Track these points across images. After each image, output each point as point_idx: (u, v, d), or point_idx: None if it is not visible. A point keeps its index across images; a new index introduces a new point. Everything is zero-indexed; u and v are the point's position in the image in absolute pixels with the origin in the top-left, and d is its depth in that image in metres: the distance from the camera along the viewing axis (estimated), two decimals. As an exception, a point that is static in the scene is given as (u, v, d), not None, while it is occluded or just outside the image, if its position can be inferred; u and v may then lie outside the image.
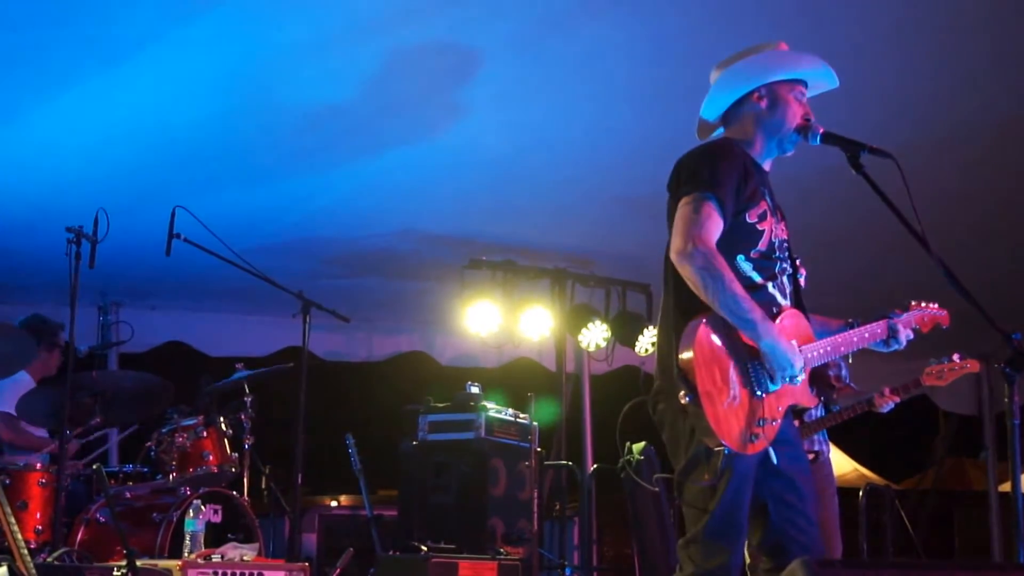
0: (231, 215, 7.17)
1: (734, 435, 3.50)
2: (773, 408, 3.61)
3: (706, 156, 3.77)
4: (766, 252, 3.76)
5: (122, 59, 5.91)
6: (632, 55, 6.01)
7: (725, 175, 3.68)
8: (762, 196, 3.78)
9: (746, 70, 3.86)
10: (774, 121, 3.83)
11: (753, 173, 3.78)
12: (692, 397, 3.49)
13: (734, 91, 3.87)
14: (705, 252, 3.55)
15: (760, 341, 3.58)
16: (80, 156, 6.91)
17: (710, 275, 3.54)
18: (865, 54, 5.86)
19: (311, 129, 6.75)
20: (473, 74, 6.19)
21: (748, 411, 3.55)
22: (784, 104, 3.84)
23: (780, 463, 3.64)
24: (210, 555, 5.56)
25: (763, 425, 3.57)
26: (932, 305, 4.25)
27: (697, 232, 3.57)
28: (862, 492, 7.75)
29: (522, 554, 7.23)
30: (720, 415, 3.49)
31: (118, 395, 6.74)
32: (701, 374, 3.50)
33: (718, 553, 3.59)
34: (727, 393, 3.52)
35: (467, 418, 7.64)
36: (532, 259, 8.77)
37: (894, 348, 4.11)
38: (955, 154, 6.91)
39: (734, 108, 3.89)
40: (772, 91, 3.84)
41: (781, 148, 3.88)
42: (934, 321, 4.25)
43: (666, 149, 3.88)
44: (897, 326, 4.08)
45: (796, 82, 3.88)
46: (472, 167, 7.24)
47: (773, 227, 3.80)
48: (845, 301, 5.28)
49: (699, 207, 3.61)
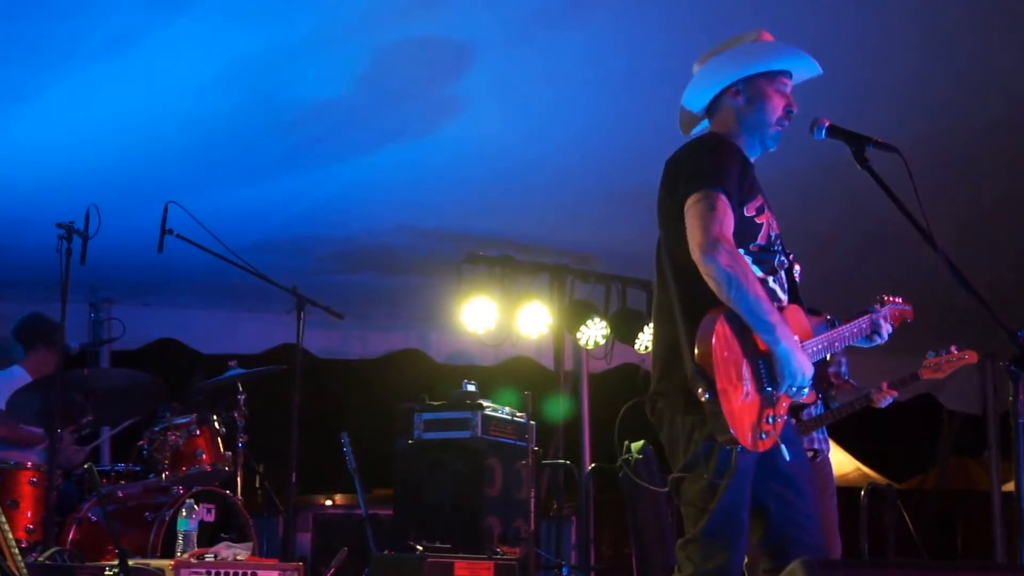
0: (224, 211, 7.17)
1: (747, 432, 3.51)
2: (781, 405, 3.63)
3: (705, 151, 3.77)
4: (765, 246, 3.76)
5: (114, 53, 5.91)
6: (633, 46, 6.01)
7: (728, 168, 3.68)
8: (759, 189, 3.78)
9: (723, 64, 3.86)
10: (753, 115, 3.83)
11: (749, 165, 3.79)
12: (711, 394, 3.48)
13: (712, 86, 3.88)
14: (729, 250, 3.54)
15: (777, 346, 3.57)
16: (71, 151, 6.90)
17: (735, 274, 3.53)
18: (871, 49, 5.87)
19: (305, 123, 6.75)
20: (469, 68, 6.19)
21: (759, 408, 3.56)
22: (763, 98, 3.83)
23: (780, 461, 3.65)
24: (203, 555, 5.57)
25: (773, 422, 3.58)
26: (898, 299, 4.27)
27: (719, 229, 3.56)
28: (864, 491, 7.73)
29: (519, 554, 7.24)
30: (735, 412, 3.49)
31: (110, 393, 6.73)
32: (720, 370, 3.49)
33: (717, 553, 3.59)
34: (741, 389, 3.53)
35: (463, 416, 7.65)
36: (530, 254, 8.77)
37: (876, 343, 4.13)
38: (960, 150, 6.92)
39: (715, 102, 3.90)
40: (750, 85, 3.84)
41: (763, 144, 3.88)
42: (902, 316, 4.27)
43: (668, 143, 3.88)
44: (879, 321, 4.10)
45: (778, 73, 3.86)
46: (469, 161, 7.24)
47: (770, 220, 3.80)
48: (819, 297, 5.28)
49: (713, 203, 3.60)
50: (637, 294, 9.07)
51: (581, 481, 8.85)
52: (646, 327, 8.90)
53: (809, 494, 3.75)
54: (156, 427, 6.67)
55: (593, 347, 8.97)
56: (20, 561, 4.80)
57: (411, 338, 10.65)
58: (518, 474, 7.73)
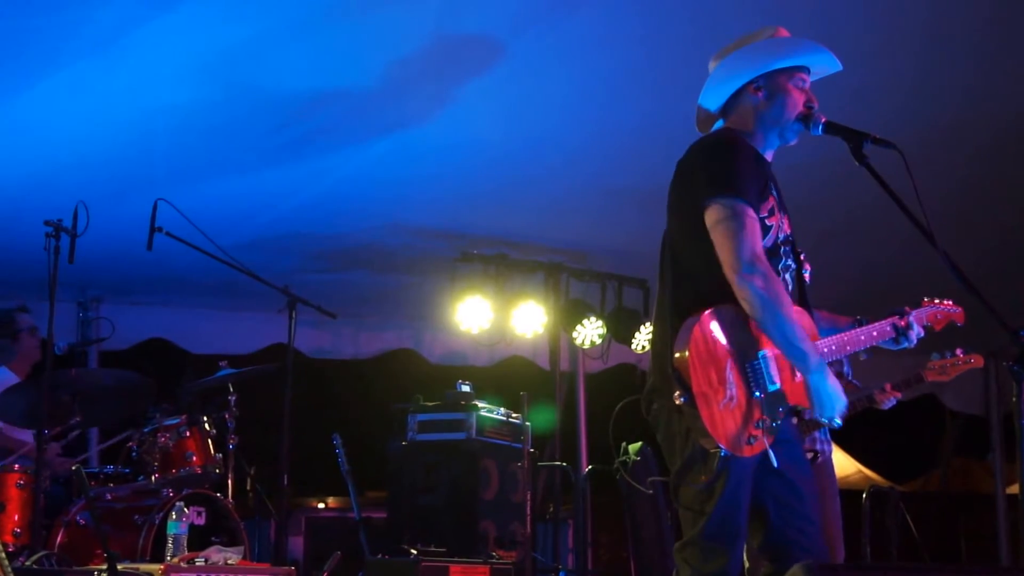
0: (215, 208, 7.18)
1: (730, 436, 3.51)
2: (772, 408, 3.61)
3: (721, 153, 3.75)
4: (771, 249, 3.75)
5: (102, 46, 5.90)
6: (630, 43, 6.02)
7: (747, 173, 3.68)
8: (770, 191, 3.78)
9: (742, 60, 3.85)
10: (773, 112, 3.83)
11: (762, 165, 3.79)
12: (687, 398, 3.50)
13: (731, 82, 3.87)
14: (764, 271, 3.56)
15: (809, 375, 3.59)
16: (59, 147, 6.89)
17: (769, 297, 3.54)
18: (874, 47, 5.88)
19: (296, 119, 6.75)
20: (463, 62, 6.19)
21: (745, 412, 3.55)
22: (783, 94, 3.83)
23: (780, 464, 3.64)
24: (193, 559, 5.56)
25: (761, 426, 3.57)
26: (946, 302, 4.24)
27: (752, 249, 3.56)
28: (866, 494, 7.74)
29: (515, 558, 7.25)
30: (716, 416, 3.50)
31: (98, 394, 6.73)
32: (696, 374, 3.50)
33: (716, 556, 3.60)
34: (723, 393, 3.52)
35: (458, 418, 7.66)
36: (525, 252, 8.78)
37: (903, 347, 4.10)
38: (963, 147, 6.94)
39: (733, 99, 3.89)
40: (770, 81, 3.84)
41: (783, 139, 3.88)
42: (948, 319, 4.24)
43: (665, 140, 3.90)
44: (911, 323, 4.08)
45: (797, 69, 3.87)
46: (462, 157, 7.24)
47: (779, 222, 3.79)
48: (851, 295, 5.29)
49: (741, 218, 3.59)
50: (633, 292, 9.08)
51: (578, 483, 8.85)
52: (643, 326, 8.91)
53: (809, 496, 3.75)
54: (145, 428, 6.66)
55: (589, 347, 8.98)
56: (7, 565, 4.80)
57: (404, 338, 10.65)
58: (514, 476, 7.74)
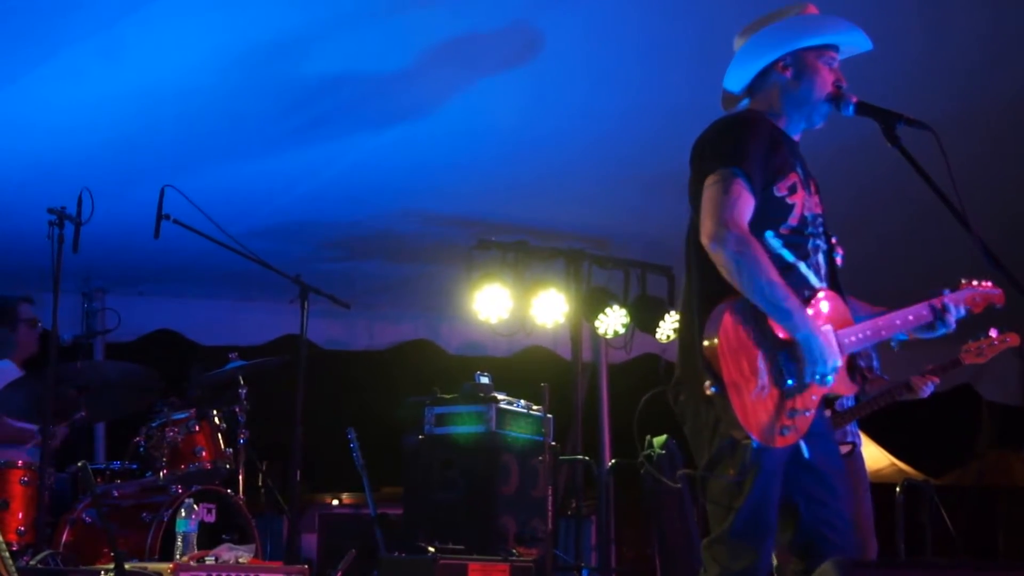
0: (224, 195, 7.19)
1: (763, 428, 3.49)
2: (807, 398, 3.59)
3: (729, 128, 3.75)
4: (797, 228, 3.73)
5: (108, 26, 5.89)
6: (654, 20, 5.99)
7: (751, 146, 3.66)
8: (792, 167, 3.75)
9: (770, 37, 3.83)
10: (801, 91, 3.81)
11: (782, 142, 3.76)
12: (718, 387, 3.48)
13: (758, 60, 3.85)
14: (739, 236, 3.53)
15: (796, 332, 3.55)
16: (63, 132, 6.91)
17: (744, 261, 3.52)
18: (895, 24, 5.85)
19: (308, 103, 6.75)
20: (479, 45, 6.18)
21: (778, 402, 3.53)
22: (812, 72, 3.81)
23: (811, 457, 3.63)
24: (203, 557, 5.59)
25: (794, 417, 3.56)
26: (985, 283, 4.20)
27: (729, 214, 3.55)
28: (899, 488, 7.72)
29: (535, 555, 7.25)
30: (748, 406, 3.48)
31: (104, 387, 6.75)
32: (727, 363, 3.48)
33: (745, 553, 3.58)
34: (755, 383, 3.51)
35: (476, 410, 7.66)
36: (545, 239, 8.75)
37: (942, 332, 4.05)
38: (988, 128, 6.90)
39: (759, 79, 3.87)
40: (798, 59, 3.82)
41: (810, 121, 3.86)
42: (987, 300, 4.20)
43: (691, 122, 3.86)
44: (948, 306, 4.04)
45: (826, 47, 3.85)
46: (480, 142, 7.23)
47: (805, 200, 3.76)
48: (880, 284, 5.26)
49: (728, 186, 3.59)
50: (658, 280, 9.05)
51: (601, 478, 8.85)
52: (667, 315, 8.88)
53: (842, 492, 3.73)
54: (153, 423, 6.68)
55: (612, 336, 8.96)
56: (11, 565, 4.82)
57: (420, 328, 10.67)
58: (534, 471, 7.73)
